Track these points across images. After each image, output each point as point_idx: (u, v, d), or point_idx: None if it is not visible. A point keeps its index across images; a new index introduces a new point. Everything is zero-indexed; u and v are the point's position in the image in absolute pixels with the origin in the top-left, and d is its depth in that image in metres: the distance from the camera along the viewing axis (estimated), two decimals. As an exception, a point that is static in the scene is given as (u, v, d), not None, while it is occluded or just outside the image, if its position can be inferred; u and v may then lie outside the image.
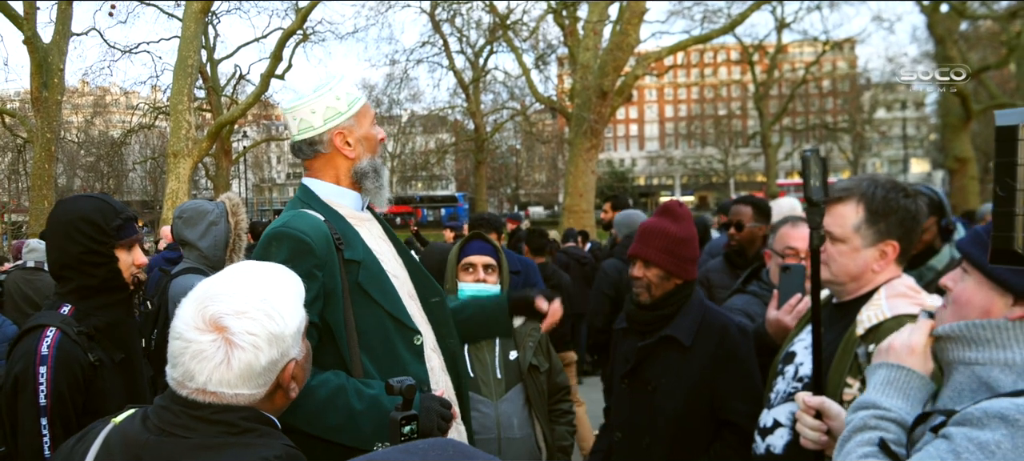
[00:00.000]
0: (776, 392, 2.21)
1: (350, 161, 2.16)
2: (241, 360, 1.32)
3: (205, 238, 3.54)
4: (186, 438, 1.31)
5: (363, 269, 2.06)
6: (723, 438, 2.66)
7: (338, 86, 2.15)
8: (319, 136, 2.14)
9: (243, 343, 1.31)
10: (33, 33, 14.37)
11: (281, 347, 1.36)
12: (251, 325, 1.32)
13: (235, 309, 1.33)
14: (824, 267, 2.06)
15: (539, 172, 54.76)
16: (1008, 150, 1.04)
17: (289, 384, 1.42)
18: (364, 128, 2.18)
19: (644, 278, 2.76)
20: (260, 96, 20.28)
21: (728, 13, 21.31)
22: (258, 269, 1.45)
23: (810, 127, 46.92)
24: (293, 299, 1.42)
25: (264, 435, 1.35)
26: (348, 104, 2.14)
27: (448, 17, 25.44)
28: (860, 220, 2.01)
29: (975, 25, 22.75)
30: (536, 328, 3.19)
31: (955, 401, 1.44)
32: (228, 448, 1.30)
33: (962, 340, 1.43)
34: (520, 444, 2.98)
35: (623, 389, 2.86)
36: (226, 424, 1.32)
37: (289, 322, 1.37)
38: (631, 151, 74.21)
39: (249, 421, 1.34)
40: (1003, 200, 1.04)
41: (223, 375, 1.31)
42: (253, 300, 1.35)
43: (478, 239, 3.23)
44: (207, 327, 1.32)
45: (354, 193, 2.20)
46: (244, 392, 1.34)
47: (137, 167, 41.19)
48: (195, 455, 1.29)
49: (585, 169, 14.81)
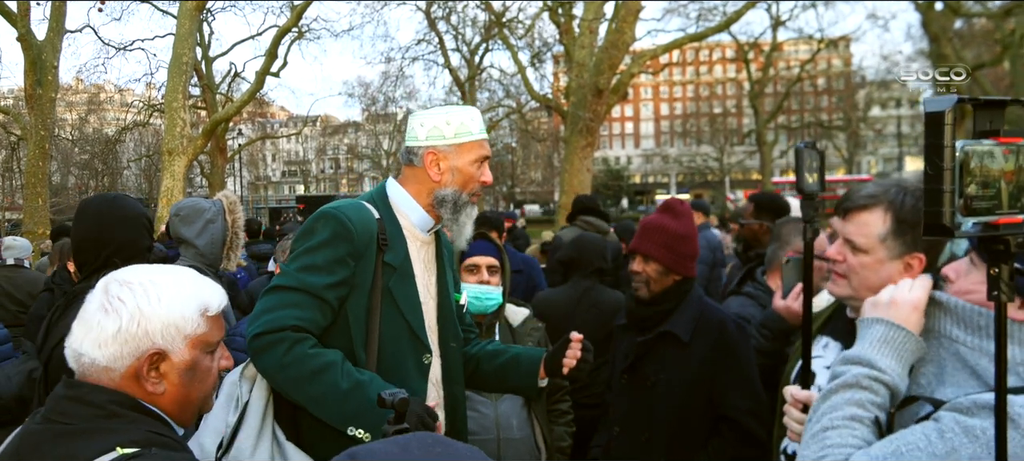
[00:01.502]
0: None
1: (434, 184, 2.19)
2: (100, 322, 1.34)
3: (202, 236, 3.53)
4: (58, 424, 1.31)
5: (396, 275, 2.10)
6: (721, 433, 2.68)
7: (455, 113, 2.20)
8: (416, 148, 2.19)
9: (109, 307, 1.35)
10: (27, 30, 14.31)
11: (144, 326, 1.35)
12: (124, 293, 1.36)
13: (124, 279, 1.38)
14: (843, 281, 1.90)
15: (535, 170, 54.75)
16: (936, 133, 1.16)
17: (148, 375, 1.36)
18: (463, 161, 2.19)
19: (643, 273, 2.77)
20: (255, 94, 20.24)
21: (723, 11, 21.33)
22: (181, 269, 1.48)
23: (805, 125, 47.06)
24: (183, 297, 1.40)
25: (132, 421, 1.33)
26: (455, 132, 2.18)
27: (443, 14, 25.39)
28: (887, 230, 1.80)
29: (970, 23, 22.82)
30: (537, 327, 3.20)
31: (939, 378, 1.44)
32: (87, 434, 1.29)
33: (959, 319, 1.44)
34: (519, 445, 2.97)
35: (622, 385, 2.87)
36: (96, 406, 1.32)
37: (162, 308, 1.37)
38: (627, 149, 74.25)
39: (118, 405, 1.34)
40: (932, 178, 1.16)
41: (85, 335, 1.35)
42: (142, 278, 1.39)
43: (481, 239, 3.18)
44: (101, 290, 1.38)
45: (425, 213, 2.22)
46: (96, 358, 1.34)
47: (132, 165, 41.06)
48: (57, 440, 1.29)
49: (581, 167, 14.80)
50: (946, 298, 1.47)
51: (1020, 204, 1.21)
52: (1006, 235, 1.18)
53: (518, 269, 5.01)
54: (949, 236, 1.16)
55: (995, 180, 1.18)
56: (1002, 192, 1.19)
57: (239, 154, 36.52)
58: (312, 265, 2.01)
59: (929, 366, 1.47)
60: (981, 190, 1.17)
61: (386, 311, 2.08)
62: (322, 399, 1.94)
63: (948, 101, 1.16)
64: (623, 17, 14.14)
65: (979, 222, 1.17)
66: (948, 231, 1.14)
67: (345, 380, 1.94)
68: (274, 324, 1.93)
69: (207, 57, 26.48)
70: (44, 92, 14.53)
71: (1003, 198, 1.19)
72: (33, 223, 14.48)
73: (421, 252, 2.23)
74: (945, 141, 1.14)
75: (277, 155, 65.92)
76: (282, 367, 1.92)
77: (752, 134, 43.67)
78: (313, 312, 1.98)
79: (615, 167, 65.00)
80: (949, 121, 1.14)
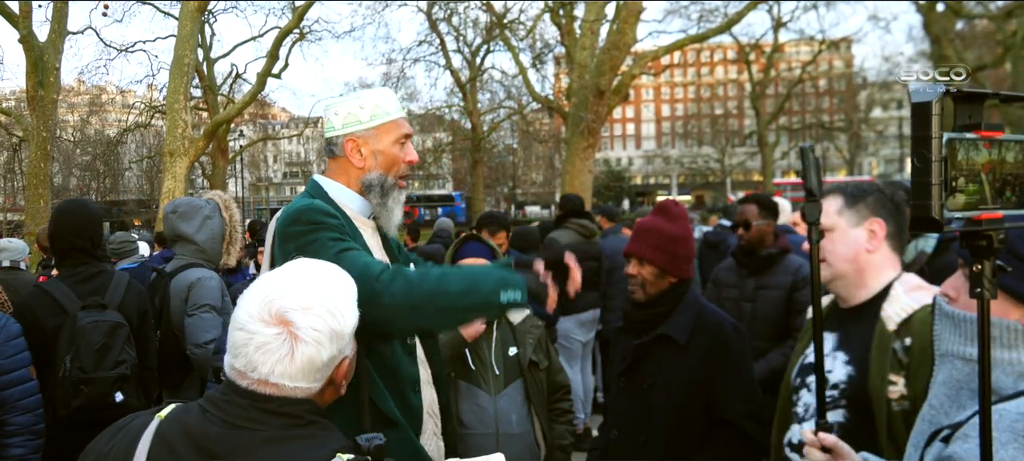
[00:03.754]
0: (805, 405, 2.18)
1: (359, 170, 2.17)
2: (304, 354, 1.35)
3: (201, 231, 3.56)
4: (256, 430, 1.34)
5: None
6: (718, 436, 2.67)
7: (367, 96, 2.17)
8: (335, 138, 2.17)
9: (307, 337, 1.35)
10: (29, 32, 14.32)
11: (340, 344, 1.40)
12: (315, 321, 1.36)
13: (301, 304, 1.37)
14: (824, 267, 2.13)
15: (536, 171, 54.72)
16: (924, 124, 1.14)
17: (341, 381, 1.47)
18: (383, 143, 2.17)
19: (638, 275, 2.77)
20: (256, 95, 20.26)
21: (725, 12, 21.34)
22: (319, 267, 1.49)
23: (806, 126, 46.99)
24: (351, 298, 1.47)
25: (325, 429, 1.40)
26: (371, 115, 2.15)
27: (445, 16, 25.41)
28: (841, 205, 2.16)
29: (971, 24, 22.83)
30: (536, 325, 3.20)
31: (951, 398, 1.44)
32: (295, 441, 1.35)
33: (967, 334, 1.42)
34: (519, 440, 2.98)
35: (620, 387, 2.87)
36: (291, 416, 1.36)
37: (348, 320, 1.42)
38: (628, 150, 74.24)
39: (311, 414, 1.39)
40: (920, 171, 1.13)
41: (286, 368, 1.35)
42: (317, 297, 1.39)
43: (474, 241, 3.17)
44: (272, 320, 1.35)
45: (362, 199, 2.20)
46: (303, 385, 1.37)
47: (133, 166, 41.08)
48: (265, 448, 1.33)
49: (582, 168, 14.80)
50: (953, 312, 1.45)
51: (1003, 199, 1.20)
52: (988, 231, 1.17)
53: None
54: (938, 230, 1.14)
55: (977, 174, 1.17)
56: (984, 187, 1.18)
57: (240, 155, 36.53)
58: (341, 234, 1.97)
59: (941, 388, 1.47)
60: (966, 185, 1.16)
61: None
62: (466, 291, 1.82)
63: (935, 91, 1.14)
64: (624, 18, 14.14)
65: (962, 217, 1.16)
66: (937, 225, 1.13)
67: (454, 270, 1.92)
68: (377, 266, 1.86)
69: (209, 58, 26.49)
70: (46, 93, 14.55)
71: (986, 193, 1.18)
72: (34, 224, 14.47)
73: (372, 239, 2.21)
74: (932, 132, 1.13)
75: (278, 156, 65.97)
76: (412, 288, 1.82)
77: (753, 135, 43.62)
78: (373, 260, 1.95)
79: (616, 168, 64.98)
80: (936, 111, 1.13)
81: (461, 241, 3.22)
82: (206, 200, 3.72)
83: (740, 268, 4.34)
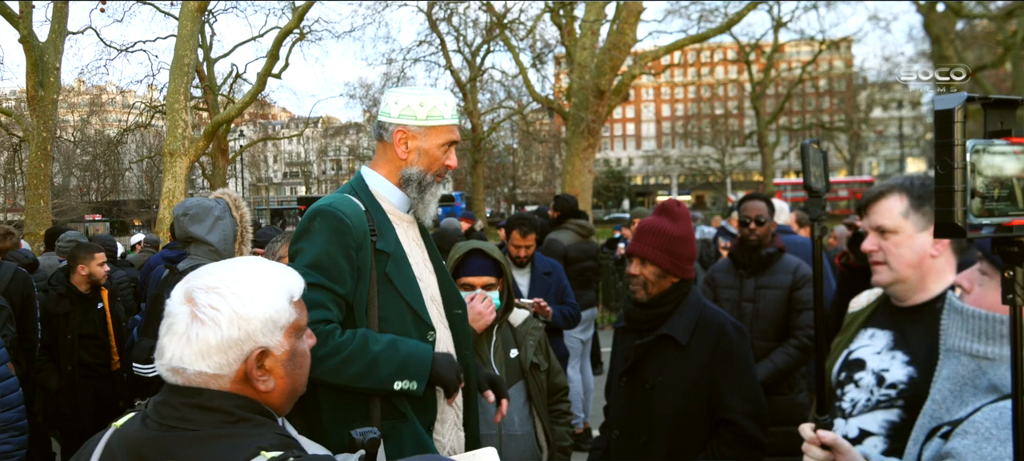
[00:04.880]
0: (852, 401, 2.08)
1: (401, 162, 2.24)
2: (199, 334, 1.31)
3: (214, 232, 3.58)
4: (186, 430, 1.30)
5: (392, 261, 2.14)
6: (720, 436, 2.67)
7: (429, 96, 2.23)
8: (387, 124, 2.23)
9: (204, 316, 1.31)
10: (29, 32, 14.31)
11: (244, 328, 1.33)
12: (215, 300, 1.32)
13: (208, 284, 1.34)
14: (883, 267, 2.03)
15: (536, 171, 54.71)
16: (946, 132, 1.14)
17: (257, 375, 1.36)
18: (431, 143, 2.23)
19: (640, 275, 2.77)
20: (257, 95, 20.21)
21: (725, 12, 21.36)
22: (253, 260, 1.45)
23: (807, 126, 46.98)
24: (272, 290, 1.39)
25: (258, 426, 1.33)
26: (428, 115, 2.21)
27: (445, 16, 25.41)
28: (907, 207, 2.00)
29: (971, 24, 22.80)
30: (537, 326, 3.20)
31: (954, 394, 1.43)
32: (221, 439, 1.29)
33: (975, 330, 1.42)
34: (521, 441, 2.97)
35: (621, 387, 2.87)
36: (221, 412, 1.31)
37: (258, 307, 1.35)
38: (628, 150, 74.23)
39: (244, 411, 1.34)
40: (943, 177, 1.14)
41: (183, 350, 1.31)
42: (227, 279, 1.36)
43: (477, 256, 2.98)
44: (182, 300, 1.34)
45: (401, 193, 2.27)
46: (203, 369, 1.32)
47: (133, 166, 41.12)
48: (196, 446, 1.28)
49: (582, 168, 14.80)
50: (963, 307, 1.44)
51: None
52: (1020, 237, 1.16)
53: (547, 271, 5.14)
54: (961, 236, 1.13)
55: (1008, 181, 1.16)
56: (1016, 193, 1.17)
57: (241, 155, 36.53)
58: (323, 265, 2.03)
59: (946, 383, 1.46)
60: (995, 191, 1.15)
61: (387, 297, 2.12)
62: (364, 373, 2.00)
63: (957, 99, 1.14)
64: (624, 18, 14.14)
65: (993, 224, 1.15)
66: (960, 231, 1.12)
67: (375, 343, 2.02)
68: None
69: (209, 58, 26.48)
70: (46, 94, 14.54)
71: (1018, 199, 1.17)
72: (35, 225, 14.48)
73: (409, 232, 2.28)
74: (955, 139, 1.12)
75: (279, 156, 65.97)
76: (319, 361, 1.94)
77: (753, 135, 43.61)
78: (335, 308, 2.03)
79: (616, 168, 64.97)
80: (959, 119, 1.13)
81: (464, 256, 3.02)
82: (215, 200, 3.72)
83: (738, 268, 4.32)
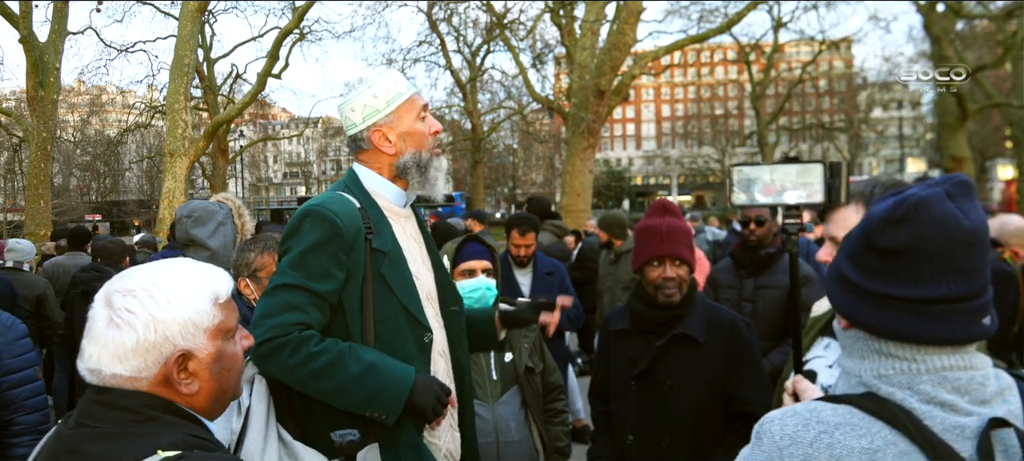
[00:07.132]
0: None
1: (391, 157, 2.20)
2: (115, 337, 1.30)
3: (215, 237, 3.57)
4: (95, 428, 1.29)
5: (387, 260, 2.10)
6: (736, 430, 2.67)
7: (377, 83, 2.19)
8: (360, 134, 2.19)
9: (119, 320, 1.30)
10: (29, 32, 14.31)
11: (161, 331, 1.31)
12: (131, 303, 1.31)
13: (126, 288, 1.33)
14: None
15: (536, 171, 54.73)
16: None
17: (180, 378, 1.34)
18: (406, 123, 2.20)
19: (676, 277, 2.73)
20: (257, 95, 20.22)
21: (725, 13, 21.37)
22: (178, 261, 1.43)
23: (806, 126, 47.03)
24: (193, 292, 1.36)
25: (168, 425, 1.31)
26: (387, 101, 2.18)
27: (445, 16, 25.43)
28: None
29: (971, 24, 22.82)
30: (532, 328, 3.18)
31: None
32: (123, 437, 1.27)
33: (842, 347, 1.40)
34: (518, 447, 2.97)
35: (631, 392, 2.80)
36: (128, 411, 1.30)
37: (176, 310, 1.33)
38: (628, 150, 74.24)
39: (153, 409, 1.31)
40: None
41: (100, 351, 1.30)
42: (145, 282, 1.34)
43: (474, 242, 3.15)
44: (103, 303, 1.33)
45: (396, 188, 2.23)
46: (119, 371, 1.30)
47: (133, 166, 41.15)
48: (94, 443, 1.27)
49: (582, 168, 14.80)
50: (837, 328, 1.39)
51: None
52: None
53: (549, 271, 5.14)
54: None
55: None
56: None
57: (240, 155, 36.53)
58: (306, 265, 2.00)
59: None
60: None
61: (382, 297, 2.08)
62: (336, 392, 1.95)
63: None
64: (624, 19, 14.15)
65: None
66: None
67: (355, 364, 1.96)
68: (278, 329, 1.92)
69: (209, 59, 26.49)
70: (46, 94, 14.54)
71: None
72: (35, 225, 14.49)
73: (405, 227, 2.24)
74: None
75: (279, 156, 66.01)
76: (289, 369, 1.92)
77: (754, 135, 43.64)
78: (314, 311, 1.98)
79: (616, 168, 64.98)
80: None
81: (461, 243, 3.20)
82: (219, 204, 3.72)
83: (739, 268, 4.34)
